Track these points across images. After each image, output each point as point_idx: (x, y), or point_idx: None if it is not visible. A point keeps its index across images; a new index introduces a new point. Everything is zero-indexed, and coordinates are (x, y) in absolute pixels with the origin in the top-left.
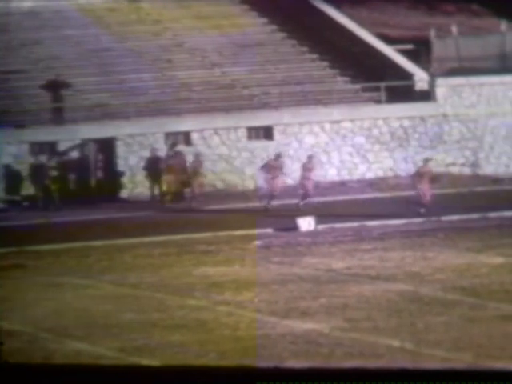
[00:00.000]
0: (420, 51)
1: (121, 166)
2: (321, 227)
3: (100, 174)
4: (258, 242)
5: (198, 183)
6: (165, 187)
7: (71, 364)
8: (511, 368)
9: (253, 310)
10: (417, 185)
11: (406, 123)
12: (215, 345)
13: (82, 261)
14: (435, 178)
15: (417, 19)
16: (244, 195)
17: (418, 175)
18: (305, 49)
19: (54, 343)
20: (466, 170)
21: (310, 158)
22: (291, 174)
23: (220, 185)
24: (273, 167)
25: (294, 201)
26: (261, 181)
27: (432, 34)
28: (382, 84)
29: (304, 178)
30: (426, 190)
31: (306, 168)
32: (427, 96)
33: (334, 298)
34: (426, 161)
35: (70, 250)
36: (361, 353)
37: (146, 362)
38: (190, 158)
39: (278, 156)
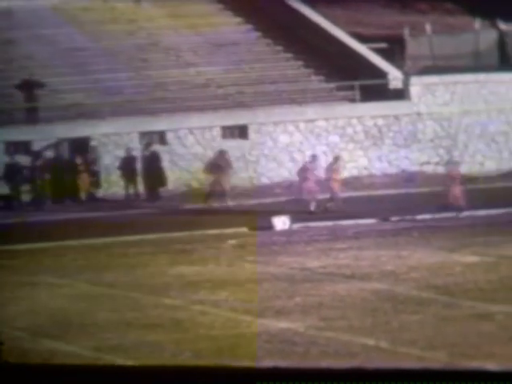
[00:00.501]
0: (394, 50)
1: (96, 165)
2: (296, 226)
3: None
4: (232, 241)
5: (227, 180)
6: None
7: (71, 364)
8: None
9: (228, 309)
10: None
11: (381, 122)
12: (190, 344)
13: (57, 260)
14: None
15: (391, 18)
16: (219, 194)
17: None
18: (279, 48)
19: (29, 342)
20: (440, 169)
21: (336, 159)
22: (266, 174)
23: (195, 184)
24: (307, 170)
25: (269, 200)
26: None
27: (406, 32)
28: (357, 83)
29: (330, 179)
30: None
31: (332, 169)
32: (401, 94)
33: (309, 297)
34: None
35: (45, 250)
36: (336, 352)
37: (120, 361)
38: (166, 158)
39: (313, 158)
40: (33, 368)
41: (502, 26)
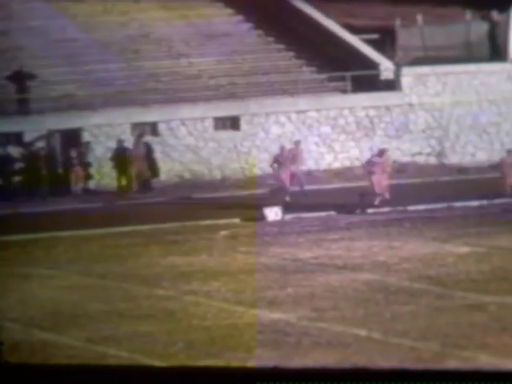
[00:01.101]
0: (385, 40)
1: (87, 156)
2: (288, 217)
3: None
4: (225, 232)
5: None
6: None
7: (71, 364)
8: None
9: (220, 299)
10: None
11: (372, 113)
12: (183, 334)
13: (48, 251)
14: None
15: (382, 8)
16: (211, 185)
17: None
18: (271, 39)
19: (21, 333)
20: (432, 160)
21: (381, 151)
22: (258, 164)
23: (187, 175)
24: (375, 163)
25: (262, 191)
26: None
27: (397, 23)
28: (348, 74)
29: (370, 172)
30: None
31: (372, 163)
32: (393, 85)
33: (300, 287)
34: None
35: (36, 241)
36: (328, 342)
37: (113, 352)
38: (158, 149)
39: (382, 152)
40: (33, 368)
41: (496, 16)
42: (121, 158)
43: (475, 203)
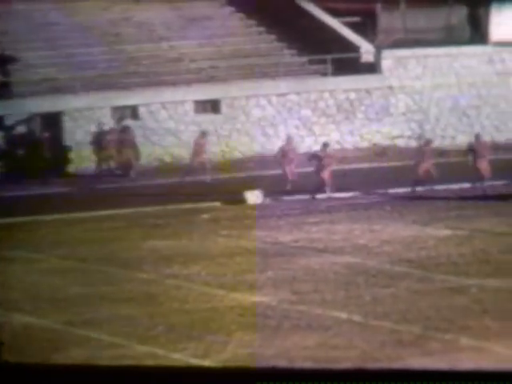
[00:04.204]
0: (366, 23)
1: (68, 140)
2: (268, 200)
3: (47, 148)
4: (205, 216)
5: None
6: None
7: (71, 364)
8: None
9: (201, 283)
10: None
11: (353, 96)
12: (164, 318)
13: (30, 235)
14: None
15: None
16: (192, 169)
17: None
18: (252, 22)
19: (2, 317)
20: (413, 143)
21: (428, 141)
22: (239, 148)
23: (168, 158)
24: (425, 153)
25: (242, 174)
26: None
27: (378, 6)
28: (329, 56)
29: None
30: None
31: (423, 151)
32: (373, 68)
33: (281, 270)
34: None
35: (18, 225)
36: (308, 325)
37: (94, 335)
38: (138, 133)
39: (428, 142)
40: (33, 368)
41: None
42: (101, 142)
43: (456, 186)
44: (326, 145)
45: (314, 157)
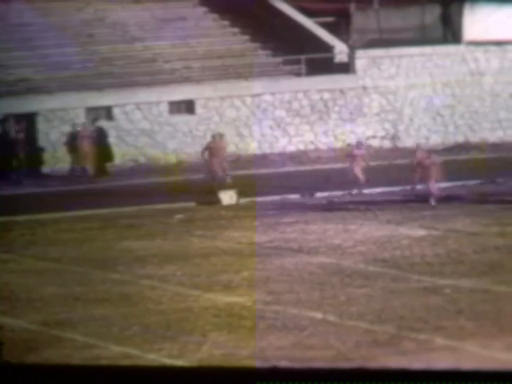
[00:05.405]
0: (340, 23)
1: (42, 141)
2: (243, 201)
3: (21, 148)
4: (180, 216)
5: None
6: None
7: (71, 364)
8: None
9: (176, 283)
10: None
11: (326, 96)
12: (139, 318)
13: (4, 235)
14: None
15: None
16: (166, 169)
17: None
18: (226, 23)
19: None
20: (386, 143)
21: (359, 143)
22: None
23: (142, 159)
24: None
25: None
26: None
27: (352, 6)
28: (302, 57)
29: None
30: None
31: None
32: (347, 68)
33: (256, 271)
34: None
35: None
36: (284, 325)
37: (68, 335)
38: (113, 133)
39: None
40: (33, 368)
41: None
42: (75, 143)
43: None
44: (359, 143)
45: (348, 155)
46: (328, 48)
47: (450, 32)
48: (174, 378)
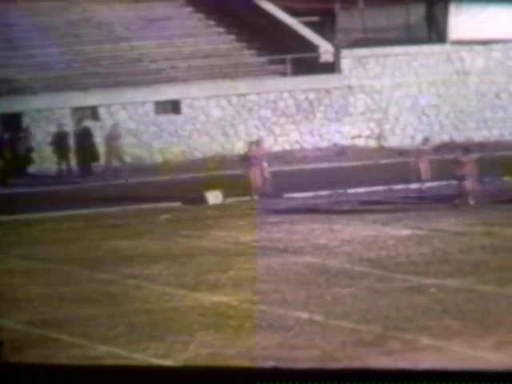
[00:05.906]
0: (325, 23)
1: (28, 141)
2: (229, 200)
3: (7, 148)
4: (166, 216)
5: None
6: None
7: (71, 364)
8: None
9: (162, 283)
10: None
11: (312, 95)
12: (125, 318)
13: None
14: None
15: None
16: (152, 169)
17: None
18: (212, 22)
19: None
20: (372, 143)
21: (426, 139)
22: (199, 148)
23: (128, 159)
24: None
25: (202, 174)
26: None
27: (337, 5)
28: (288, 56)
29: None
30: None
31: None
32: (332, 68)
33: (242, 270)
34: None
35: None
36: (270, 325)
37: (54, 335)
38: (98, 133)
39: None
40: (33, 368)
41: None
42: (61, 143)
43: (415, 186)
44: (426, 139)
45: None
46: (313, 48)
47: (435, 31)
48: (173, 377)
